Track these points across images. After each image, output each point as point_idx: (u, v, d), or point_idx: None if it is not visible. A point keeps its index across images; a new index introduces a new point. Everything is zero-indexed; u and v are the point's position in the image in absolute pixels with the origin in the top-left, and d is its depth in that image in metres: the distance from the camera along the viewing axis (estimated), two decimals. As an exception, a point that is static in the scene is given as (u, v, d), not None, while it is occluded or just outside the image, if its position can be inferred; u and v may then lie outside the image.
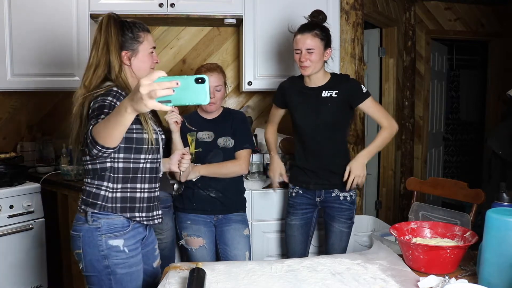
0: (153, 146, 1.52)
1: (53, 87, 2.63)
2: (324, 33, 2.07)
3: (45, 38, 2.58)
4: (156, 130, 1.56)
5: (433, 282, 1.20)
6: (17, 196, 2.32)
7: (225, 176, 2.21)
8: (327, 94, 2.09)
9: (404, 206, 4.17)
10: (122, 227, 1.49)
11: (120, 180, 1.49)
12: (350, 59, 3.00)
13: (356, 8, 2.99)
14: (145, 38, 1.55)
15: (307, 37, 2.03)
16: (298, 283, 1.26)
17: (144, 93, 1.02)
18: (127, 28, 1.53)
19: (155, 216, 1.60)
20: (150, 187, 1.57)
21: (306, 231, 2.24)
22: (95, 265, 1.47)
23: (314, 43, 2.03)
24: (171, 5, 2.60)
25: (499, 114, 4.57)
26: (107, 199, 1.48)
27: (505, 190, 1.38)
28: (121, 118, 1.15)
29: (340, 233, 2.17)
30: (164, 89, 1.01)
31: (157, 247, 1.73)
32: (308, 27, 2.06)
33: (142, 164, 1.52)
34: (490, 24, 4.62)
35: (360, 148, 3.13)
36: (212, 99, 2.16)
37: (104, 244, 1.46)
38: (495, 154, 2.91)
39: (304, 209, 2.21)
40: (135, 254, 1.52)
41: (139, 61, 1.54)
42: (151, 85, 1.01)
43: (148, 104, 1.03)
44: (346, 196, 2.15)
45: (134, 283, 1.51)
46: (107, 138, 1.25)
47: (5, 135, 2.90)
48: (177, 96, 1.03)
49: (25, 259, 2.36)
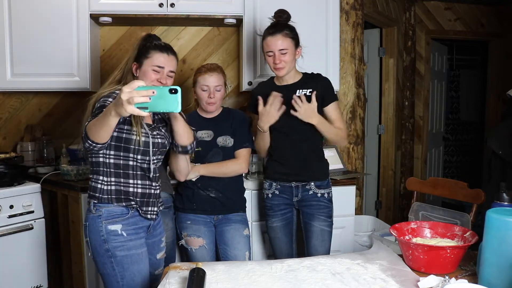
0: (141, 148, 1.62)
1: (53, 87, 2.63)
2: (293, 32, 2.05)
3: (45, 38, 2.58)
4: (148, 133, 1.63)
5: (433, 282, 1.20)
6: (17, 196, 2.32)
7: (225, 175, 2.21)
8: (301, 92, 2.08)
9: (404, 206, 4.18)
10: (121, 214, 1.63)
11: (113, 174, 1.63)
12: (350, 59, 3.00)
13: (356, 8, 2.99)
14: (154, 55, 1.67)
15: (278, 38, 2.00)
16: (298, 283, 1.26)
17: (124, 99, 1.18)
18: (145, 45, 1.69)
19: (149, 211, 1.69)
20: (143, 184, 1.67)
21: (289, 231, 2.22)
22: (98, 249, 1.61)
23: (286, 43, 2.01)
24: (171, 5, 2.60)
25: (499, 114, 4.57)
26: (103, 191, 1.63)
27: (505, 190, 1.38)
28: (107, 120, 1.32)
29: (321, 233, 2.13)
30: (141, 96, 1.17)
31: (164, 240, 1.83)
32: (277, 28, 2.03)
33: (132, 162, 1.64)
34: (490, 24, 4.62)
35: (360, 148, 3.14)
36: (212, 99, 2.16)
37: (104, 229, 1.59)
38: (495, 154, 2.91)
39: (283, 209, 2.19)
40: (135, 238, 1.63)
41: (142, 74, 1.68)
42: (131, 93, 1.18)
43: (127, 109, 1.19)
44: (324, 193, 2.14)
45: (135, 265, 1.62)
46: (95, 135, 1.43)
47: (5, 135, 2.90)
48: (153, 103, 1.19)
49: (25, 259, 2.36)
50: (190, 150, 1.81)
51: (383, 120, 4.10)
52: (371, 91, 4.05)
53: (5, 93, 2.83)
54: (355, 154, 3.10)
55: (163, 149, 1.73)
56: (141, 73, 1.68)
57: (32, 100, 2.95)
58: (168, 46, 1.72)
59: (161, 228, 1.82)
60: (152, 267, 1.75)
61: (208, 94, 2.16)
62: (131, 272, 1.60)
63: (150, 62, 1.67)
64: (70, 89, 2.67)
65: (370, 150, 4.02)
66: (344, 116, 3.00)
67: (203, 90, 2.17)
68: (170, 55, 1.70)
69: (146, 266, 1.66)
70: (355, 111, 3.05)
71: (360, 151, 3.13)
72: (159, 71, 1.67)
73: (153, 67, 1.66)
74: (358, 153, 3.11)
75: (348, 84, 3.00)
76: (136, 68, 1.69)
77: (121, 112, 1.22)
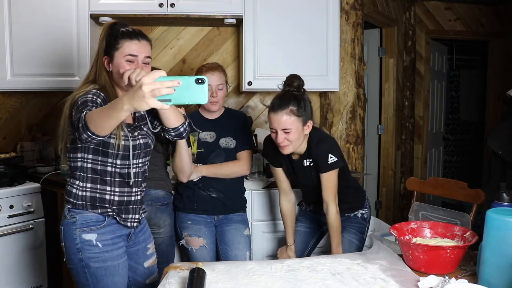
0: (120, 152, 1.50)
1: (53, 87, 2.63)
2: (299, 107, 1.83)
3: (45, 38, 2.58)
4: (128, 136, 1.51)
5: (433, 282, 1.20)
6: (17, 196, 2.32)
7: (227, 176, 2.21)
8: (307, 163, 1.97)
9: (404, 206, 4.18)
10: (96, 222, 1.53)
11: (89, 179, 1.53)
12: (350, 59, 3.00)
13: (356, 8, 2.99)
14: (124, 44, 1.51)
15: (281, 115, 1.81)
16: (298, 283, 1.26)
17: (147, 91, 1.06)
18: (112, 35, 1.54)
19: (129, 219, 1.59)
20: (121, 191, 1.56)
21: (305, 240, 2.18)
22: (72, 258, 1.53)
23: (290, 122, 1.81)
24: (171, 5, 2.60)
25: (499, 114, 4.57)
26: (78, 196, 1.54)
27: (505, 190, 1.38)
28: (116, 113, 1.20)
29: (349, 244, 2.06)
30: (166, 88, 1.05)
31: (150, 247, 1.72)
32: (282, 103, 1.83)
33: (110, 168, 1.53)
34: (490, 24, 4.62)
35: (360, 148, 3.14)
36: (215, 98, 2.16)
37: (78, 238, 1.51)
38: (495, 154, 2.91)
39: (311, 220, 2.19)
40: (111, 249, 1.54)
41: (115, 67, 1.53)
42: (153, 84, 1.05)
43: (149, 102, 1.07)
44: (357, 213, 2.11)
45: (110, 278, 1.53)
46: (98, 127, 1.29)
47: (5, 135, 2.90)
48: (178, 95, 1.07)
49: (25, 259, 2.36)
50: (184, 132, 1.64)
51: (383, 120, 4.10)
52: (371, 91, 4.05)
53: (5, 93, 2.83)
54: (355, 154, 3.10)
55: (146, 149, 1.61)
56: (114, 67, 1.53)
57: (32, 100, 2.95)
58: (137, 31, 1.56)
59: (146, 235, 1.70)
60: (141, 276, 1.68)
61: (210, 93, 2.16)
62: (104, 284, 1.53)
63: (121, 52, 1.51)
64: (70, 89, 2.63)
65: (370, 150, 4.02)
66: (344, 116, 3.00)
67: (205, 90, 2.16)
68: (142, 40, 1.54)
69: (123, 278, 1.58)
70: (355, 111, 3.05)
71: (360, 151, 3.13)
72: (133, 60, 1.51)
73: (126, 57, 1.50)
74: (358, 153, 3.11)
75: (348, 84, 3.00)
76: (108, 62, 1.54)
77: (141, 106, 1.09)
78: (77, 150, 1.53)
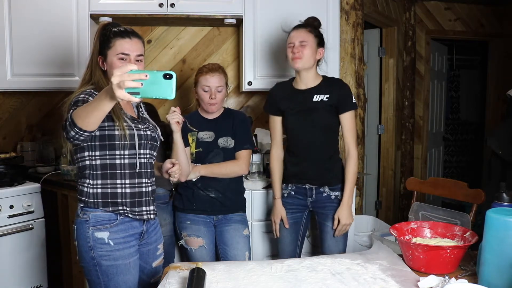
0: (127, 142, 1.54)
1: (53, 87, 2.63)
2: (318, 32, 2.09)
3: (45, 38, 2.58)
4: (132, 126, 1.56)
5: (433, 282, 1.20)
6: (17, 196, 2.32)
7: (225, 176, 2.21)
8: (318, 98, 2.07)
9: (404, 206, 4.18)
10: (108, 220, 1.55)
11: (99, 176, 1.56)
12: (350, 59, 3.00)
13: (356, 8, 2.99)
14: (116, 43, 1.56)
15: (301, 31, 2.07)
16: (298, 283, 1.26)
17: (115, 83, 1.11)
18: (105, 35, 1.58)
19: (144, 211, 1.62)
20: (132, 182, 1.59)
21: (295, 230, 2.22)
22: (84, 256, 1.55)
23: (307, 36, 2.05)
24: (171, 5, 2.60)
25: (499, 114, 4.57)
26: (89, 194, 1.56)
27: (505, 190, 1.38)
28: (100, 104, 1.25)
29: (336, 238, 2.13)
30: (132, 80, 1.10)
31: (160, 247, 1.75)
32: (302, 24, 2.10)
33: (119, 160, 1.56)
34: (490, 24, 4.62)
35: (360, 148, 3.14)
36: (213, 99, 2.16)
37: (91, 236, 1.53)
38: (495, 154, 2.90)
39: (294, 209, 2.20)
40: (123, 247, 1.56)
41: (109, 67, 1.58)
42: (121, 76, 1.11)
43: (117, 93, 1.12)
44: (338, 195, 2.14)
45: (121, 276, 1.55)
46: (84, 120, 1.32)
47: (5, 135, 2.91)
48: (145, 89, 1.12)
49: (25, 259, 2.36)
50: None
51: (383, 120, 4.10)
52: (371, 91, 4.05)
53: (5, 93, 2.83)
54: (355, 154, 3.09)
55: (153, 142, 1.65)
56: (108, 66, 1.57)
57: (32, 100, 2.95)
58: (129, 30, 1.60)
59: (158, 235, 1.73)
60: (147, 275, 1.70)
61: (209, 95, 2.16)
62: (116, 282, 1.55)
63: (114, 51, 1.56)
64: (70, 89, 2.63)
65: (370, 150, 4.02)
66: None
67: (204, 91, 2.16)
68: (134, 38, 1.58)
69: (134, 276, 1.60)
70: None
71: (360, 151, 3.13)
72: (126, 58, 1.56)
73: (118, 55, 1.55)
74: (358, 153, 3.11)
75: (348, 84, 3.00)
76: (102, 61, 1.59)
77: (113, 96, 1.15)
78: (83, 150, 1.55)
